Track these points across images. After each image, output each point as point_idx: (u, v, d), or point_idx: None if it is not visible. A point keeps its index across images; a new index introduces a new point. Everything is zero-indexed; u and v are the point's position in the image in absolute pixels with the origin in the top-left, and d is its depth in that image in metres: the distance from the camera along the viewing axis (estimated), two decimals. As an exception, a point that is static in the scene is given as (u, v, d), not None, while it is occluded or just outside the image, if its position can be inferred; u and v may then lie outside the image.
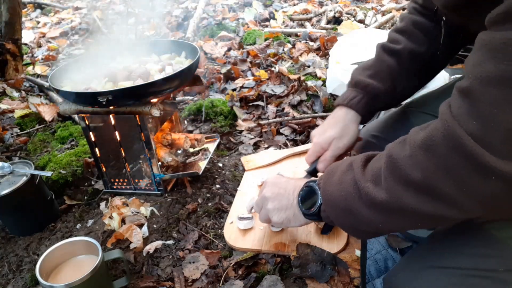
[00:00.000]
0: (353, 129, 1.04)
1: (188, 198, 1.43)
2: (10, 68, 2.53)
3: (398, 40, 1.02)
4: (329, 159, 1.05)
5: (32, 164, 1.32)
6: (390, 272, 0.78)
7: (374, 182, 0.67)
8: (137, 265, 1.18)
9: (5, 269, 1.22)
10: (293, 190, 0.90)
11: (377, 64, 1.03)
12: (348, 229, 0.78)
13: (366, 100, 1.02)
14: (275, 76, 2.28)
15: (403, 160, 0.62)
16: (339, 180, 0.74)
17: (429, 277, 0.69)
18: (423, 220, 0.65)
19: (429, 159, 0.59)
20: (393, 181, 0.63)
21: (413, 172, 0.60)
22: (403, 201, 0.62)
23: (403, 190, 0.62)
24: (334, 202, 0.75)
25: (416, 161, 0.60)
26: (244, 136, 1.83)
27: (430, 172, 0.58)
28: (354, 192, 0.70)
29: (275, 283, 1.06)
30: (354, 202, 0.70)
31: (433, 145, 0.59)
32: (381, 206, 0.66)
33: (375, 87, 1.00)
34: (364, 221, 0.70)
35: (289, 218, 0.90)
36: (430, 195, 0.60)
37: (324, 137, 1.05)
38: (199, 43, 3.00)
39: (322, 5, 3.90)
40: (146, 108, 1.25)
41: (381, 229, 0.73)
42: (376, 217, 0.68)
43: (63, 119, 2.08)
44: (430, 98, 1.10)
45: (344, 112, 1.04)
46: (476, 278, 0.65)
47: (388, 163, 0.65)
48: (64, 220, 1.40)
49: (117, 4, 4.62)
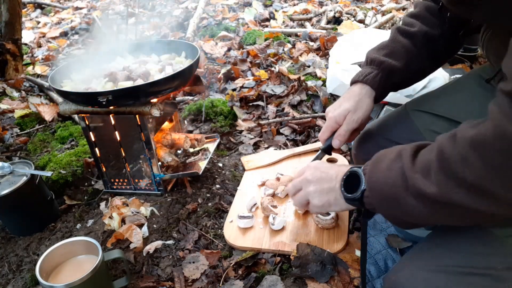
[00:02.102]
0: (367, 103, 1.04)
1: (188, 198, 1.43)
2: (10, 68, 2.53)
3: (413, 24, 1.04)
4: (344, 133, 1.05)
5: (32, 164, 1.32)
6: (390, 272, 0.78)
7: (423, 174, 0.67)
8: (137, 265, 1.18)
9: (5, 269, 1.22)
10: (336, 175, 0.89)
11: (392, 44, 1.05)
12: (390, 217, 0.78)
13: (381, 76, 1.03)
14: (275, 76, 2.28)
15: (454, 157, 0.62)
16: (387, 167, 0.74)
17: (428, 276, 0.69)
18: (470, 216, 0.65)
19: (480, 159, 0.59)
20: (444, 176, 0.63)
21: (464, 171, 0.61)
22: (452, 197, 0.63)
23: (453, 186, 0.62)
24: (379, 189, 0.75)
25: (466, 159, 0.61)
26: (244, 136, 1.83)
27: (481, 172, 0.59)
28: (402, 181, 0.69)
29: (275, 283, 1.06)
30: (401, 192, 0.70)
31: (484, 144, 0.59)
32: (429, 199, 0.66)
33: (391, 64, 1.02)
34: (408, 211, 0.70)
35: (330, 201, 0.89)
36: (480, 193, 0.60)
37: (339, 111, 1.04)
38: (199, 43, 3.00)
39: (322, 5, 3.90)
40: (146, 108, 1.25)
41: (424, 220, 0.73)
42: (422, 209, 0.68)
43: (63, 119, 2.08)
44: (430, 97, 1.11)
45: (359, 87, 1.05)
46: (475, 276, 0.65)
47: (439, 157, 0.65)
48: (64, 220, 1.40)
49: (117, 4, 4.62)
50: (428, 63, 1.08)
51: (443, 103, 1.04)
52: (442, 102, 1.04)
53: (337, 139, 1.06)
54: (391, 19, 3.21)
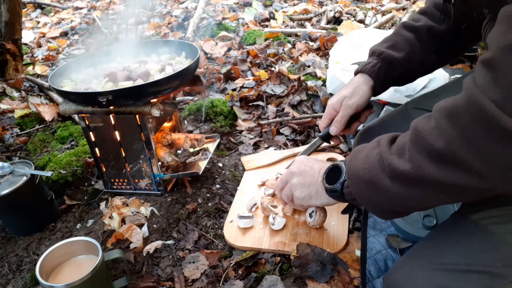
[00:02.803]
0: (363, 89, 1.06)
1: (188, 198, 1.43)
2: (10, 68, 2.53)
3: (419, 19, 1.07)
4: (340, 119, 1.07)
5: (32, 164, 1.32)
6: (390, 271, 0.79)
7: (398, 154, 0.68)
8: (137, 265, 1.18)
9: (5, 269, 1.22)
10: (320, 169, 0.92)
11: (394, 37, 1.08)
12: (370, 205, 0.78)
13: (380, 66, 1.05)
14: (275, 76, 2.28)
15: (427, 131, 0.64)
16: (366, 155, 0.76)
17: (428, 274, 0.69)
18: (444, 192, 0.65)
19: (452, 126, 0.60)
20: (416, 151, 0.65)
21: (436, 141, 0.62)
22: (425, 171, 0.63)
23: (425, 160, 0.63)
24: (357, 175, 0.76)
25: (440, 130, 0.62)
26: (244, 136, 1.83)
27: (452, 139, 0.60)
28: (378, 165, 0.71)
29: (275, 283, 1.06)
30: (377, 174, 0.71)
31: (457, 113, 0.60)
32: (403, 177, 0.67)
33: (390, 54, 1.04)
34: (386, 195, 0.71)
35: (311, 194, 0.92)
36: (451, 163, 0.61)
37: (337, 98, 1.08)
38: (199, 43, 3.00)
39: (322, 5, 3.90)
40: (146, 108, 1.25)
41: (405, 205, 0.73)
42: (398, 189, 0.69)
43: (63, 119, 2.08)
44: (431, 96, 1.11)
45: (358, 76, 1.09)
46: (474, 274, 0.65)
47: (412, 135, 0.67)
48: (64, 220, 1.40)
49: (117, 4, 4.62)
50: (431, 58, 1.09)
51: None
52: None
53: (334, 125, 1.09)
54: (391, 19, 3.21)
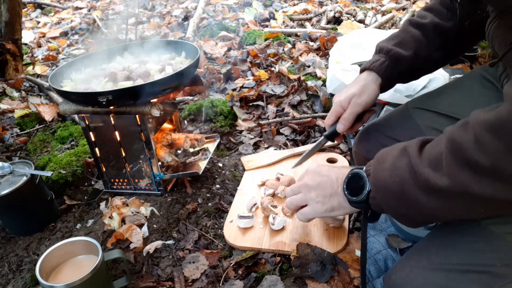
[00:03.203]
0: (372, 88, 1.04)
1: (188, 198, 1.43)
2: (10, 68, 2.53)
3: (425, 16, 1.06)
4: (348, 117, 1.04)
5: (32, 164, 1.32)
6: (390, 271, 0.78)
7: (433, 167, 0.64)
8: (137, 265, 1.18)
9: (5, 269, 1.22)
10: (337, 178, 0.86)
11: (401, 34, 1.07)
12: (399, 216, 0.75)
13: (388, 63, 1.03)
14: (275, 76, 2.28)
15: (467, 144, 0.60)
16: (392, 165, 0.71)
17: (428, 274, 0.69)
18: (485, 206, 0.63)
19: (497, 141, 0.57)
20: (456, 165, 0.61)
21: (481, 156, 0.58)
22: (467, 186, 0.60)
23: (467, 175, 0.60)
24: (386, 188, 0.72)
25: (481, 143, 0.58)
26: (244, 136, 1.83)
27: (500, 155, 0.57)
28: (411, 178, 0.67)
29: (275, 283, 1.06)
30: (410, 189, 0.67)
31: (503, 127, 0.57)
32: (441, 193, 0.63)
33: (398, 52, 1.03)
34: (419, 208, 0.68)
35: (333, 206, 0.86)
36: (497, 178, 0.58)
37: (345, 95, 1.05)
38: (199, 43, 3.00)
39: (322, 5, 3.90)
40: (146, 108, 1.25)
41: (436, 216, 0.70)
42: (434, 204, 0.65)
43: (63, 119, 2.08)
44: (431, 96, 1.11)
45: (365, 74, 1.06)
46: (474, 274, 0.65)
47: (451, 147, 0.63)
48: (64, 220, 1.40)
49: (117, 4, 4.62)
50: (437, 55, 1.08)
51: (444, 101, 1.04)
52: (443, 100, 1.04)
53: (341, 123, 1.05)
54: (391, 19, 3.21)
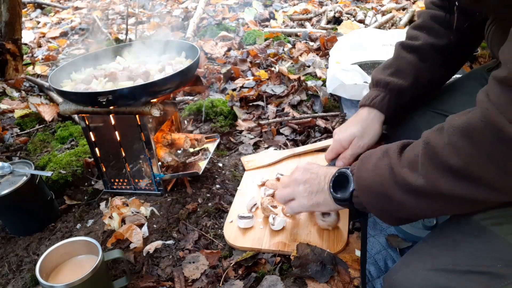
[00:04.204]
0: (375, 128, 1.02)
1: (188, 198, 1.43)
2: (10, 68, 2.53)
3: (417, 37, 1.01)
4: (348, 157, 1.05)
5: (32, 164, 1.32)
6: (390, 272, 0.78)
7: (410, 168, 0.68)
8: (137, 265, 1.18)
9: (5, 269, 1.22)
10: (325, 176, 0.91)
11: (396, 62, 1.02)
12: (380, 214, 0.78)
13: (389, 98, 1.01)
14: (275, 76, 2.28)
15: (441, 147, 0.63)
16: (374, 166, 0.75)
17: (428, 275, 0.69)
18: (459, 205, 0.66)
19: (469, 145, 0.60)
20: (431, 167, 0.64)
21: (453, 159, 0.61)
22: (440, 187, 0.63)
23: (441, 176, 0.63)
24: (368, 187, 0.76)
25: (455, 147, 0.61)
26: (244, 136, 1.83)
27: (470, 158, 0.60)
28: (390, 178, 0.71)
29: (275, 283, 1.06)
30: (389, 188, 0.71)
31: (474, 132, 0.60)
32: (418, 192, 0.67)
33: (397, 84, 0.99)
34: (398, 206, 0.71)
35: (318, 202, 0.91)
36: (469, 180, 0.61)
37: (345, 135, 1.04)
38: (199, 43, 3.00)
39: (322, 5, 3.90)
40: (146, 108, 1.25)
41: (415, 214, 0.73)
42: (412, 202, 0.69)
43: (63, 119, 2.08)
44: (431, 96, 1.11)
45: (367, 112, 1.03)
46: (474, 274, 0.65)
47: (426, 149, 0.66)
48: (64, 220, 1.40)
49: (117, 4, 4.62)
50: (439, 75, 1.05)
51: (444, 101, 1.04)
52: (443, 100, 1.05)
53: (341, 161, 1.07)
54: (391, 19, 3.21)
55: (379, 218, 0.80)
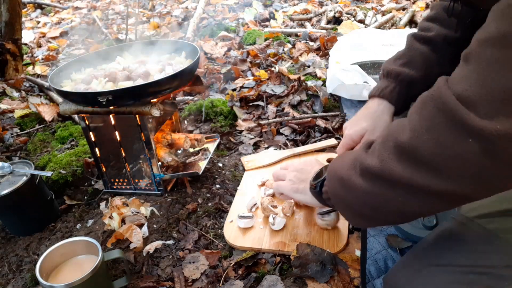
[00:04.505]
0: (385, 120, 1.00)
1: (188, 198, 1.43)
2: (10, 68, 2.53)
3: (430, 28, 0.99)
4: None
5: (32, 164, 1.32)
6: (390, 272, 0.79)
7: (371, 152, 0.69)
8: (137, 265, 1.18)
9: (5, 269, 1.22)
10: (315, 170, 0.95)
11: (408, 52, 1.00)
12: (342, 206, 0.77)
13: (399, 89, 0.98)
14: (275, 76, 2.28)
15: (397, 125, 0.65)
16: (343, 157, 0.78)
17: (428, 275, 0.69)
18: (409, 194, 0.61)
19: (416, 120, 0.60)
20: (383, 146, 0.65)
21: (401, 135, 0.62)
22: (389, 166, 0.62)
23: (391, 155, 0.62)
24: (333, 173, 0.79)
25: (406, 124, 0.62)
26: (244, 136, 1.83)
27: (415, 132, 0.59)
28: (351, 162, 0.72)
29: (275, 283, 1.06)
30: (348, 171, 0.72)
31: (422, 105, 0.60)
32: (370, 172, 0.66)
33: (408, 75, 0.97)
34: (355, 193, 0.70)
35: (298, 188, 0.99)
36: (413, 158, 0.59)
37: (356, 129, 1.01)
38: (199, 43, 3.00)
39: (322, 5, 3.90)
40: (146, 108, 1.25)
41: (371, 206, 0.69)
42: (366, 186, 0.66)
43: (63, 119, 2.08)
44: None
45: (376, 103, 1.01)
46: (475, 275, 0.65)
47: (385, 131, 0.68)
48: (64, 220, 1.40)
49: (117, 4, 4.62)
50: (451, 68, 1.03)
51: None
52: None
53: None
54: (391, 19, 3.21)
55: (343, 216, 0.78)
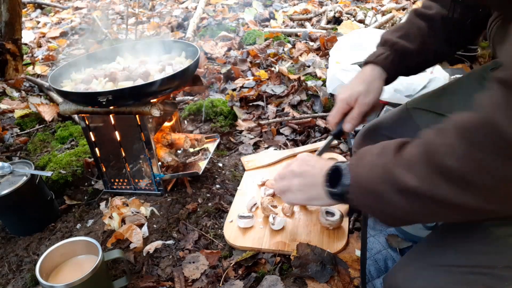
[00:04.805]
0: (378, 85, 1.03)
1: (188, 198, 1.43)
2: (10, 68, 2.53)
3: (431, 6, 1.03)
4: (357, 117, 1.03)
5: (32, 164, 1.32)
6: (390, 272, 0.78)
7: (406, 168, 0.66)
8: (137, 265, 1.18)
9: (5, 269, 1.22)
10: (321, 169, 0.88)
11: (407, 26, 1.04)
12: (372, 213, 0.77)
13: (393, 57, 1.02)
14: (275, 76, 2.28)
15: (438, 147, 0.62)
16: (371, 162, 0.73)
17: (428, 276, 0.69)
18: (452, 210, 0.64)
19: (466, 147, 0.59)
20: (426, 167, 0.63)
21: (449, 159, 0.60)
22: (434, 190, 0.62)
23: (435, 178, 0.61)
24: (362, 184, 0.74)
25: (452, 148, 0.60)
26: (244, 136, 1.83)
27: (464, 160, 0.58)
28: (385, 176, 0.69)
29: (275, 283, 1.06)
30: (383, 187, 0.69)
31: (471, 133, 0.58)
32: (410, 193, 0.65)
33: (404, 45, 1.01)
34: (390, 207, 0.69)
35: (312, 196, 0.89)
36: (463, 185, 0.59)
37: (351, 92, 1.03)
38: (199, 43, 3.00)
39: (322, 5, 3.90)
40: (146, 108, 1.25)
41: (406, 217, 0.71)
42: (405, 203, 0.66)
43: (63, 119, 2.08)
44: (431, 96, 1.11)
45: (370, 68, 1.04)
46: (475, 275, 0.65)
47: (423, 149, 0.65)
48: (64, 220, 1.40)
49: (117, 4, 4.62)
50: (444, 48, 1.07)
51: (443, 102, 1.04)
52: (442, 100, 1.04)
53: (349, 123, 1.04)
54: (391, 19, 3.21)
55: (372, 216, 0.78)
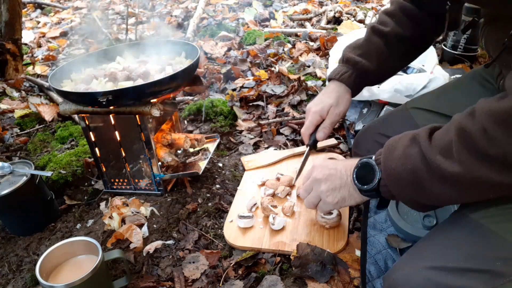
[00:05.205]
0: (347, 98, 1.13)
1: (188, 198, 1.43)
2: (10, 68, 2.53)
3: (387, 23, 1.10)
4: (328, 126, 1.12)
5: (32, 164, 1.32)
6: (390, 271, 0.78)
7: (444, 155, 0.67)
8: (137, 265, 1.18)
9: (5, 269, 1.22)
10: (345, 169, 0.88)
11: (366, 44, 1.13)
12: (409, 202, 0.78)
13: (355, 76, 1.11)
14: (275, 76, 2.28)
15: (475, 132, 0.62)
16: (403, 154, 0.73)
17: (428, 274, 0.69)
18: (497, 190, 0.66)
19: (503, 132, 0.60)
20: (467, 153, 0.63)
21: (490, 146, 0.61)
22: (477, 173, 0.63)
23: (479, 164, 0.62)
24: (398, 176, 0.74)
25: (488, 133, 0.61)
26: (244, 136, 1.83)
27: (504, 145, 0.59)
28: (423, 166, 0.69)
29: (275, 283, 1.06)
30: (423, 176, 0.69)
31: (507, 118, 0.59)
32: (454, 179, 0.66)
33: (364, 65, 1.10)
34: (433, 194, 0.70)
35: (344, 197, 0.88)
36: (506, 166, 0.61)
37: (322, 106, 1.12)
38: (199, 43, 3.00)
39: (322, 5, 3.90)
40: (146, 108, 1.25)
41: (450, 201, 0.73)
42: (445, 189, 0.68)
43: (63, 119, 2.08)
44: (430, 96, 1.12)
45: (337, 85, 1.13)
46: (474, 273, 0.65)
47: (460, 135, 0.65)
48: (64, 220, 1.40)
49: (117, 4, 4.62)
50: (399, 62, 1.17)
51: (443, 101, 1.04)
52: (442, 100, 1.05)
53: (322, 132, 1.13)
54: (391, 19, 3.20)
55: (408, 205, 0.78)
